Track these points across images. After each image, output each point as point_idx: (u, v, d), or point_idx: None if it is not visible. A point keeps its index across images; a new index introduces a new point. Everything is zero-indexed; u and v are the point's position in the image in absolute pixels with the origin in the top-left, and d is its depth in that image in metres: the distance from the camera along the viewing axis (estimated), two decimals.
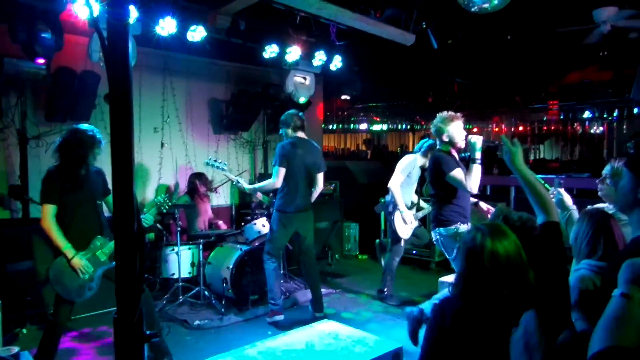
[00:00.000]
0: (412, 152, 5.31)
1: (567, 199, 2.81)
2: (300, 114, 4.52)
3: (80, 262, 3.15)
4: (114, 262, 3.10)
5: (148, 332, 1.03)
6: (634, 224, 1.54)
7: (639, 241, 1.49)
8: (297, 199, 4.37)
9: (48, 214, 3.12)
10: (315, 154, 4.51)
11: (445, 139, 3.68)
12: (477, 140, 3.51)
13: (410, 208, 5.08)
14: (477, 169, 3.48)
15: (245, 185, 4.56)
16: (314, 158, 4.46)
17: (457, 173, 3.55)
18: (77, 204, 3.22)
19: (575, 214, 2.73)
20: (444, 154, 3.66)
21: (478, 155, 3.49)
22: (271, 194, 4.94)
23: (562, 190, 2.84)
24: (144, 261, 1.02)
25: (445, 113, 3.71)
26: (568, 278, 1.93)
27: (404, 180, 4.96)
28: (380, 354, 2.77)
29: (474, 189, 3.51)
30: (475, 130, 13.02)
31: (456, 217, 3.63)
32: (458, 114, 3.70)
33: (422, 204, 5.25)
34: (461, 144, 3.67)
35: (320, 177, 4.54)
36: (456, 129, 3.66)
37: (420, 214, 5.17)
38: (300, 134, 4.44)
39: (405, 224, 4.99)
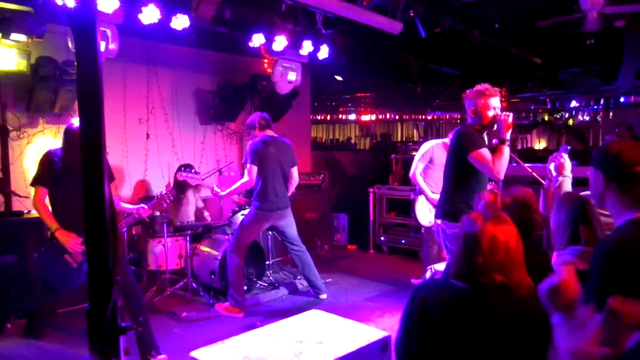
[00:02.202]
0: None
1: (567, 166, 2.76)
2: (264, 114, 4.56)
3: (65, 236, 3.13)
4: None
5: (123, 324, 1.01)
6: (612, 215, 1.56)
7: (622, 228, 1.51)
8: (274, 197, 4.44)
9: (37, 195, 3.19)
10: (288, 151, 4.60)
11: (472, 114, 3.17)
12: (508, 117, 3.07)
13: None
14: (507, 151, 3.03)
15: (221, 192, 4.56)
16: (286, 155, 4.56)
17: (484, 152, 3.05)
18: (69, 189, 3.16)
19: (568, 182, 2.72)
20: (471, 129, 3.15)
21: (508, 135, 3.04)
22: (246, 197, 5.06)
23: (565, 156, 2.79)
24: (118, 253, 1.00)
25: (481, 85, 3.17)
26: None
27: (428, 167, 4.97)
28: (368, 342, 2.77)
29: (501, 174, 3.04)
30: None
31: (467, 211, 3.17)
32: (495, 89, 3.16)
33: None
34: (491, 124, 3.14)
35: (294, 171, 4.66)
36: (487, 105, 3.11)
37: None
38: (269, 132, 4.49)
39: (427, 212, 4.92)
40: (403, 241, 6.66)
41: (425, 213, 4.98)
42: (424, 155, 4.97)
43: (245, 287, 4.84)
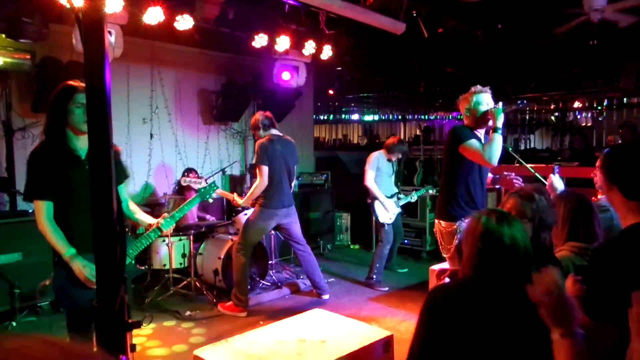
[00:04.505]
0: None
1: (558, 184, 2.88)
2: (267, 113, 4.59)
3: (80, 264, 2.24)
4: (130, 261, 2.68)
5: (130, 320, 1.03)
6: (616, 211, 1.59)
7: (623, 232, 1.52)
8: (281, 195, 4.47)
9: (40, 211, 2.28)
10: (292, 149, 4.64)
11: (467, 113, 3.24)
12: (498, 107, 3.14)
13: (390, 197, 5.50)
14: (498, 139, 3.04)
15: (241, 201, 4.56)
16: (291, 152, 4.61)
17: (473, 142, 3.09)
18: (77, 190, 2.31)
19: None
20: (462, 126, 3.25)
21: (500, 123, 3.07)
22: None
23: (555, 176, 2.94)
24: (125, 250, 1.01)
25: (473, 87, 3.25)
26: None
27: (377, 175, 5.46)
28: (371, 342, 2.78)
29: (494, 160, 3.04)
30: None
31: (461, 212, 3.15)
32: (485, 87, 3.23)
33: (401, 195, 5.71)
34: (485, 119, 3.18)
35: (295, 170, 4.72)
36: (478, 102, 3.18)
37: (401, 202, 5.62)
38: (274, 131, 4.52)
39: (386, 211, 5.40)
40: (406, 241, 6.66)
41: (384, 213, 5.40)
42: (372, 164, 5.45)
43: (248, 287, 4.86)
